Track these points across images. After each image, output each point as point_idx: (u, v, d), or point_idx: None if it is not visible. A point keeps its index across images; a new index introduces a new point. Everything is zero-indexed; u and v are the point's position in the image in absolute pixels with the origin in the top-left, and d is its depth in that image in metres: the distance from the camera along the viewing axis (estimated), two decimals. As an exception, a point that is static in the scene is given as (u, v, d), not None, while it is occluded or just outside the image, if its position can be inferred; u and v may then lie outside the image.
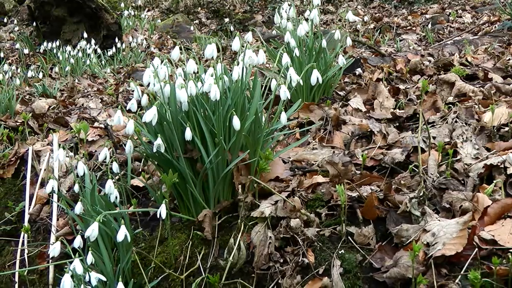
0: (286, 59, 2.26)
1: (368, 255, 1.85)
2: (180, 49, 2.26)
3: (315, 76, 2.19)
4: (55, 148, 2.88)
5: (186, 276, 2.00)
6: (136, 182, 2.59)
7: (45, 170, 2.93)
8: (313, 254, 1.91)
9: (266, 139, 2.18)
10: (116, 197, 2.09)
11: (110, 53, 6.51)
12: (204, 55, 2.12)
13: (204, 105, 2.06)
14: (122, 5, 8.98)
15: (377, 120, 2.66)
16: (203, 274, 2.00)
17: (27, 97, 4.44)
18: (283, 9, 3.21)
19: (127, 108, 2.25)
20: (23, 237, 2.62)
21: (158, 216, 1.91)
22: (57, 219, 2.54)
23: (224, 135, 2.07)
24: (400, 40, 4.99)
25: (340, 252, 1.88)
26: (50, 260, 2.41)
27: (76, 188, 2.24)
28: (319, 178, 2.14)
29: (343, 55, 2.95)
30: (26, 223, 2.65)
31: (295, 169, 2.35)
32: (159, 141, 1.96)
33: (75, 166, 2.21)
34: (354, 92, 2.97)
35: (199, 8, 13.70)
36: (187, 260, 2.06)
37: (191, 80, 1.99)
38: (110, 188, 2.05)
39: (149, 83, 2.10)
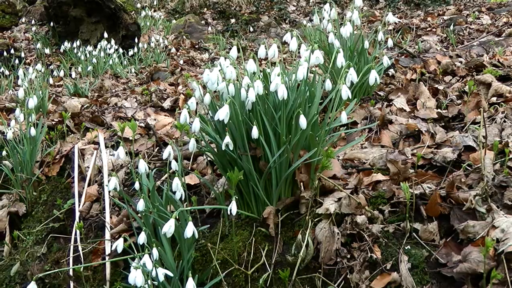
0: (341, 59, 2.30)
1: (433, 251, 1.89)
2: (239, 50, 2.30)
3: (373, 76, 2.24)
4: (102, 147, 2.92)
5: (251, 272, 2.04)
6: (188, 180, 2.62)
7: (89, 167, 2.96)
8: (379, 249, 1.95)
9: (324, 138, 2.22)
10: (182, 195, 2.13)
11: (131, 53, 6.54)
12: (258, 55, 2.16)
13: (268, 104, 2.10)
14: (138, 5, 9.01)
15: (423, 119, 2.71)
16: (269, 270, 2.04)
17: (54, 96, 4.47)
18: (324, 10, 3.25)
19: (183, 107, 2.29)
20: (75, 234, 2.65)
21: (228, 212, 1.95)
22: (110, 217, 2.57)
23: (286, 134, 2.11)
24: (421, 42, 5.04)
25: (406, 248, 1.92)
26: (107, 257, 2.44)
27: (137, 185, 2.27)
28: (379, 176, 2.18)
29: (387, 56, 2.99)
30: (77, 220, 2.68)
31: (350, 168, 2.40)
32: (227, 139, 2.00)
33: (136, 165, 2.23)
34: (397, 93, 3.02)
35: (205, 9, 13.73)
36: (251, 256, 2.10)
37: (257, 80, 2.02)
38: (177, 186, 2.09)
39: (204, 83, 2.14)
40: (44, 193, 3.03)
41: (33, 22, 7.72)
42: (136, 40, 6.81)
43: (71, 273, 2.52)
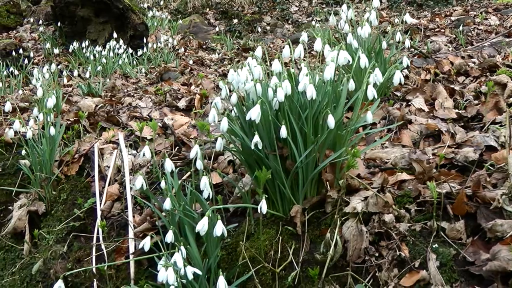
0: (364, 59, 2.32)
1: (460, 249, 1.91)
2: (264, 53, 2.31)
3: (398, 77, 2.26)
4: (122, 146, 2.93)
5: (279, 270, 2.06)
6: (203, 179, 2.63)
7: (109, 167, 2.98)
8: (407, 248, 1.97)
9: (349, 137, 2.25)
10: (209, 194, 2.15)
11: (139, 53, 6.56)
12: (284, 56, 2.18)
13: (295, 104, 2.12)
14: (145, 5, 9.03)
15: (442, 120, 2.73)
16: (296, 268, 2.06)
17: (67, 96, 4.48)
18: (342, 11, 3.27)
19: (212, 106, 2.31)
20: (98, 233, 2.67)
21: (259, 211, 1.97)
22: (133, 216, 2.59)
23: (313, 133, 2.13)
24: (430, 42, 5.06)
25: (433, 246, 1.94)
26: (131, 255, 2.46)
27: (163, 184, 2.29)
28: (404, 175, 2.21)
29: (406, 57, 3.02)
30: (99, 219, 2.70)
31: (372, 167, 2.42)
32: (256, 138, 2.02)
33: (159, 164, 2.25)
34: (415, 93, 3.04)
35: (208, 9, 13.73)
36: (278, 255, 2.12)
37: (286, 80, 2.04)
38: (205, 185, 2.11)
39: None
40: (63, 192, 3.04)
41: (40, 22, 7.72)
42: (144, 40, 6.83)
43: (94, 271, 2.54)
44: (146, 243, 2.13)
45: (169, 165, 2.24)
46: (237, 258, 2.21)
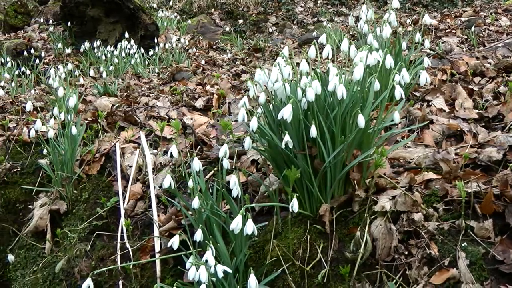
0: (389, 60, 2.34)
1: (489, 248, 1.93)
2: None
3: (424, 77, 2.28)
4: (144, 145, 2.95)
5: (308, 268, 2.08)
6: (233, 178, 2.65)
7: (131, 166, 3.00)
8: (436, 246, 1.99)
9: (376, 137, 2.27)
10: (238, 193, 2.17)
11: (151, 52, 6.59)
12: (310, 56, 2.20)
13: (323, 103, 2.14)
14: (155, 5, 9.06)
15: (463, 120, 2.75)
16: (325, 266, 2.08)
17: (83, 96, 4.50)
18: (362, 11, 3.29)
19: (239, 106, 2.33)
20: (122, 231, 2.69)
21: (290, 209, 1.99)
22: (158, 215, 2.61)
23: (341, 133, 2.15)
24: (442, 43, 5.08)
25: (462, 244, 1.96)
26: (157, 254, 2.48)
27: (190, 183, 2.31)
28: (430, 175, 2.23)
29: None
30: (123, 218, 2.72)
31: (397, 167, 2.44)
32: (287, 138, 2.04)
33: (191, 163, 2.27)
34: (435, 93, 3.06)
35: (213, 9, 13.75)
36: (307, 253, 2.13)
37: (316, 80, 2.06)
38: (235, 183, 2.12)
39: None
40: (85, 191, 3.06)
41: (50, 22, 7.74)
42: (155, 40, 6.85)
43: (119, 268, 2.56)
44: (175, 242, 2.14)
45: (197, 164, 2.26)
46: (265, 257, 2.23)
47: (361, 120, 2.04)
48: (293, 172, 2.07)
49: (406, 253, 2.00)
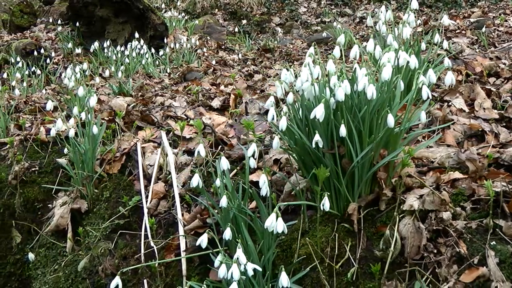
0: (414, 60, 2.36)
1: (518, 247, 1.95)
2: (317, 53, 2.35)
3: (450, 77, 2.30)
4: (166, 145, 2.97)
5: (338, 267, 2.10)
6: (255, 177, 2.67)
7: (152, 165, 3.02)
8: (464, 245, 2.01)
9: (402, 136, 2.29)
10: (267, 192, 2.18)
11: (161, 53, 6.61)
12: (350, 56, 2.22)
13: (351, 103, 2.16)
14: (163, 5, 9.08)
15: (484, 120, 2.77)
16: (354, 264, 2.10)
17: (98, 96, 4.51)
18: (381, 12, 3.31)
19: (265, 106, 2.36)
20: (145, 230, 2.71)
21: (321, 208, 2.01)
22: (182, 214, 2.63)
23: (369, 133, 2.17)
24: (452, 43, 5.11)
25: (491, 243, 1.98)
26: (183, 253, 2.49)
27: (218, 182, 2.33)
28: (456, 174, 2.25)
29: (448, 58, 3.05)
30: (146, 217, 2.73)
31: (421, 166, 2.46)
32: (317, 137, 2.06)
33: (220, 162, 2.29)
34: (454, 93, 3.08)
35: (216, 10, 13.76)
36: (336, 251, 2.15)
37: (345, 80, 2.08)
38: (265, 183, 2.14)
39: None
40: (106, 190, 3.08)
41: (58, 21, 7.76)
42: (165, 40, 6.87)
43: (143, 268, 2.57)
44: (204, 240, 2.16)
45: (225, 163, 2.29)
46: (292, 255, 2.25)
47: (390, 120, 2.06)
48: (323, 171, 2.08)
49: (435, 251, 2.02)
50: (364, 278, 2.07)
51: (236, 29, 9.30)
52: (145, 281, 2.56)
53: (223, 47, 7.75)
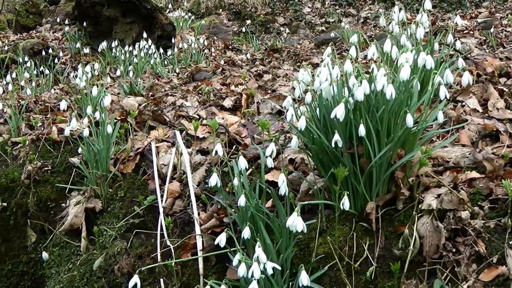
0: (430, 61, 2.37)
1: (537, 246, 1.96)
2: (333, 52, 2.36)
3: (467, 78, 2.31)
4: (181, 144, 2.99)
5: (357, 265, 2.11)
6: (270, 177, 2.69)
7: (166, 164, 3.03)
8: (483, 244, 2.02)
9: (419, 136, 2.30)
10: (286, 191, 2.20)
11: (169, 53, 6.63)
12: (368, 56, 2.23)
13: (369, 103, 2.18)
14: (170, 5, 9.10)
15: (498, 120, 2.78)
16: (373, 263, 2.11)
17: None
18: (394, 12, 3.32)
19: (283, 105, 2.37)
20: (161, 229, 2.72)
21: (342, 207, 2.02)
22: (198, 213, 2.64)
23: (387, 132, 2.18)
24: (461, 44, 5.10)
25: (510, 242, 1.99)
26: (200, 252, 2.51)
27: (236, 182, 2.34)
28: (473, 174, 2.26)
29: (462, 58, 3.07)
30: (162, 216, 2.75)
31: (436, 166, 2.47)
32: (337, 137, 2.07)
33: (238, 161, 2.30)
34: (467, 94, 3.09)
35: (221, 10, 13.77)
36: (354, 250, 2.17)
37: (364, 80, 2.09)
38: (284, 182, 2.16)
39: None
40: (120, 190, 3.09)
41: (66, 21, 7.79)
42: (172, 40, 6.89)
43: (160, 267, 2.59)
44: (222, 240, 2.17)
45: (243, 162, 2.30)
46: (310, 254, 2.26)
47: (409, 120, 2.07)
48: (341, 170, 2.10)
49: (454, 250, 2.03)
50: (383, 277, 2.09)
51: (244, 30, 9.31)
52: (161, 280, 2.57)
53: (230, 47, 7.76)
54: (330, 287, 2.15)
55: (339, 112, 1.99)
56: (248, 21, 12.94)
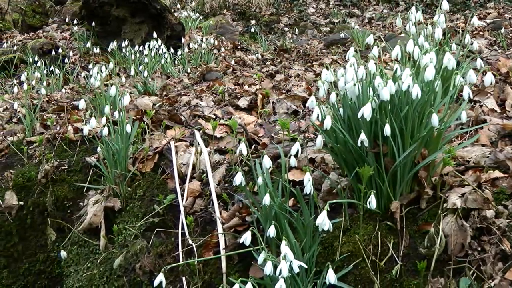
0: (453, 60, 2.39)
1: (562, 245, 1.98)
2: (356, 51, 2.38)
3: (489, 78, 2.33)
4: (201, 143, 3.01)
5: (383, 264, 2.13)
6: (290, 176, 2.71)
7: (186, 164, 3.05)
8: (508, 243, 2.04)
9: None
10: (311, 190, 2.22)
11: (179, 52, 6.65)
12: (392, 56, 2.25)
13: (393, 103, 2.19)
14: (178, 6, 9.13)
15: (517, 120, 2.80)
16: (398, 261, 2.13)
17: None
18: (411, 13, 3.33)
19: (307, 106, 2.39)
20: (183, 228, 2.74)
21: (368, 206, 2.04)
22: (219, 212, 2.66)
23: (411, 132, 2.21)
24: (471, 44, 5.11)
25: (535, 241, 2.01)
26: (222, 250, 2.52)
27: (260, 180, 2.36)
28: (496, 173, 2.28)
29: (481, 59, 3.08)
30: (183, 215, 2.77)
31: (457, 166, 2.49)
32: (363, 137, 2.09)
33: (263, 160, 2.32)
34: (484, 94, 3.12)
35: (225, 10, 13.79)
36: (379, 249, 2.19)
37: (390, 80, 2.11)
38: (309, 181, 2.17)
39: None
40: (139, 189, 3.11)
41: (75, 21, 7.81)
42: (182, 40, 6.92)
43: (184, 265, 2.60)
44: (247, 238, 2.19)
45: (267, 161, 2.32)
46: (334, 253, 2.28)
47: (435, 119, 2.09)
48: (367, 169, 2.12)
49: (479, 249, 2.05)
50: (408, 275, 2.11)
51: (253, 30, 9.35)
52: (183, 278, 2.59)
53: (239, 47, 7.79)
54: (355, 285, 2.17)
55: (366, 111, 2.01)
56: (253, 22, 12.96)
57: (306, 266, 2.11)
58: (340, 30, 8.09)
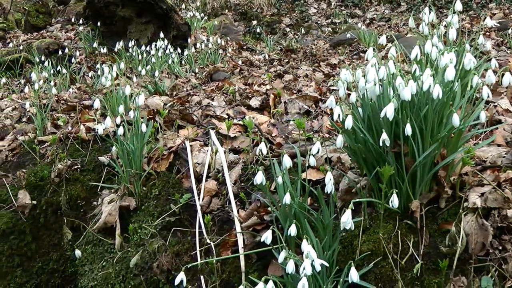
0: (473, 62, 2.40)
1: None
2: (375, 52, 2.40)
3: (508, 78, 2.35)
4: (216, 143, 3.02)
5: (403, 262, 2.15)
6: (308, 175, 2.72)
7: (201, 163, 3.07)
8: (528, 242, 2.06)
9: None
10: (332, 190, 2.23)
11: (185, 52, 6.66)
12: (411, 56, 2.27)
13: (413, 103, 2.21)
14: (183, 6, 9.14)
15: (531, 120, 2.82)
16: (418, 260, 2.14)
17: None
18: (425, 13, 3.35)
19: (325, 106, 2.41)
20: (200, 227, 2.75)
21: (390, 205, 2.06)
22: (237, 211, 2.67)
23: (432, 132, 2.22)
24: (484, 46, 5.14)
25: (556, 240, 2.03)
26: (241, 249, 2.54)
27: (280, 180, 2.38)
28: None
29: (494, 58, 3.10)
30: (199, 214, 2.78)
31: (474, 165, 2.51)
32: (384, 136, 2.11)
33: (283, 159, 2.34)
34: (498, 94, 3.14)
35: (226, 10, 13.80)
36: (399, 248, 2.20)
37: (411, 80, 2.13)
38: (330, 180, 2.19)
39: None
40: (155, 188, 3.12)
41: (80, 21, 7.81)
42: (188, 40, 6.93)
43: (198, 264, 2.62)
44: (268, 237, 2.20)
45: (288, 161, 2.33)
46: (353, 252, 2.29)
47: (456, 119, 2.11)
48: (388, 169, 2.13)
49: (500, 248, 2.07)
50: (429, 274, 2.12)
51: (258, 30, 9.36)
52: (201, 277, 2.61)
53: (244, 47, 7.80)
54: (375, 283, 2.19)
55: (389, 111, 2.03)
56: (254, 22, 12.98)
57: (327, 265, 2.12)
58: (345, 31, 8.11)
